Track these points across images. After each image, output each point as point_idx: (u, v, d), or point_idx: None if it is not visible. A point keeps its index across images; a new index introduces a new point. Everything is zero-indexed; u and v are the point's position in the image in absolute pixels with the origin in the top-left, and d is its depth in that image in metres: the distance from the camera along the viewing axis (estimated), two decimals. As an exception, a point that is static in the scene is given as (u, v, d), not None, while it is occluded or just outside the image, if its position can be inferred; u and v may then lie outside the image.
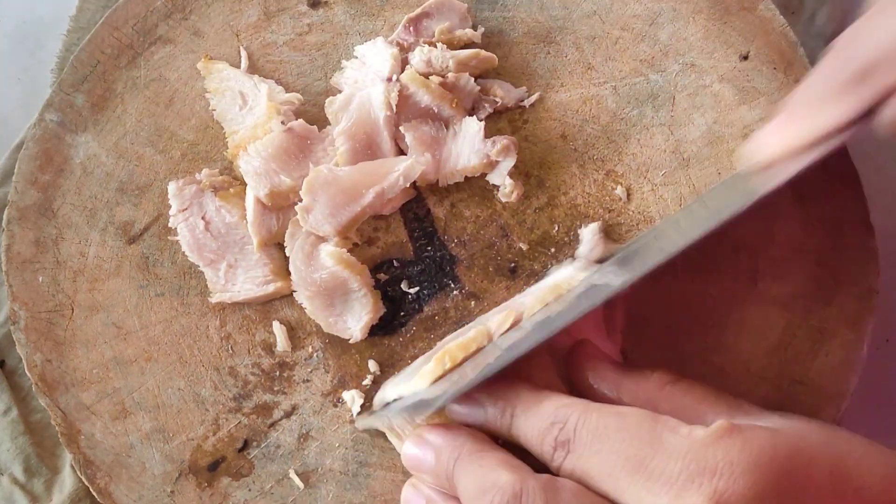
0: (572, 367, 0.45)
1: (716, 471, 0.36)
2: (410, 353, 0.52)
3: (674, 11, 0.57)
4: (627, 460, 0.37)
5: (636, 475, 0.37)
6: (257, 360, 0.52)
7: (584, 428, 0.39)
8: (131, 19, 0.56)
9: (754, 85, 0.55)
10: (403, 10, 0.57)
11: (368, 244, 0.54)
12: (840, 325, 0.52)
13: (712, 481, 0.35)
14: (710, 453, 0.36)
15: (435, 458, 0.43)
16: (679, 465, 0.36)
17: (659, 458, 0.37)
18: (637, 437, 0.38)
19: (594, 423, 0.39)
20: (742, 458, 0.36)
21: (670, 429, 0.38)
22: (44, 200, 0.54)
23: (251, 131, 0.54)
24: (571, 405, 0.40)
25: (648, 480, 0.36)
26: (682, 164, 0.55)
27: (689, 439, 0.37)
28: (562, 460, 0.39)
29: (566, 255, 0.53)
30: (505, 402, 0.42)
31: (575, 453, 0.39)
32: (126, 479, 0.50)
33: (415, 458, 0.44)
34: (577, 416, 0.40)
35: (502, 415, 0.42)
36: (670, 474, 0.36)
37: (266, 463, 0.50)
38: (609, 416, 0.39)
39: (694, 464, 0.36)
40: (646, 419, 0.38)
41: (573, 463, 0.39)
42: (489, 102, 0.55)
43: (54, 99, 0.55)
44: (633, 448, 0.37)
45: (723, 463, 0.36)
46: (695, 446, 0.36)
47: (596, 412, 0.39)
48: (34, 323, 0.52)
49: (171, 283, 0.53)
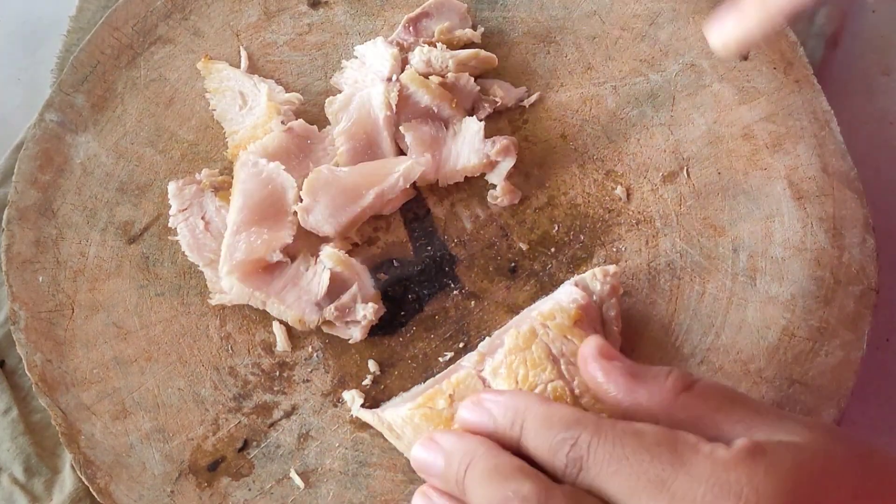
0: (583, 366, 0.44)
1: (741, 496, 0.35)
2: (410, 353, 0.52)
3: (674, 11, 0.57)
4: (649, 482, 0.37)
5: (658, 497, 0.36)
6: (257, 360, 0.52)
7: (600, 448, 0.38)
8: (131, 19, 0.56)
9: (754, 85, 0.55)
10: (403, 10, 0.57)
11: (368, 244, 0.54)
12: (840, 325, 0.52)
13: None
14: (733, 477, 0.36)
15: (445, 462, 0.42)
16: (702, 488, 0.36)
17: (682, 480, 0.36)
18: (658, 458, 0.37)
19: (610, 444, 0.38)
20: (767, 484, 0.35)
21: (691, 448, 0.37)
22: (44, 200, 0.54)
23: (251, 131, 0.54)
24: (584, 420, 0.39)
25: (671, 502, 0.36)
26: (681, 164, 0.55)
27: (711, 459, 0.36)
28: (575, 476, 0.39)
29: (566, 255, 0.53)
30: (514, 413, 0.42)
31: (590, 471, 0.38)
32: (126, 479, 0.50)
33: (424, 461, 0.43)
34: (591, 433, 0.39)
35: (511, 426, 0.41)
36: (693, 497, 0.36)
37: (266, 463, 0.50)
38: (625, 435, 0.38)
39: (717, 487, 0.35)
40: (665, 438, 0.38)
41: (588, 480, 0.38)
42: (489, 102, 0.55)
43: (54, 99, 0.55)
44: (654, 469, 0.37)
45: (748, 489, 0.35)
46: (717, 468, 0.36)
47: (611, 430, 0.39)
48: (34, 323, 0.52)
49: (171, 283, 0.53)
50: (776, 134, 0.55)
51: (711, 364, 0.52)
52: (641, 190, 0.54)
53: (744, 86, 0.55)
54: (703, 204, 0.54)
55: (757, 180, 0.54)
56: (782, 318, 0.52)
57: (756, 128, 0.55)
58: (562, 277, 0.53)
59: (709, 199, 0.54)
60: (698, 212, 0.54)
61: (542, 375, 0.44)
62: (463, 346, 0.52)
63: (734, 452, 0.37)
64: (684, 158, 0.55)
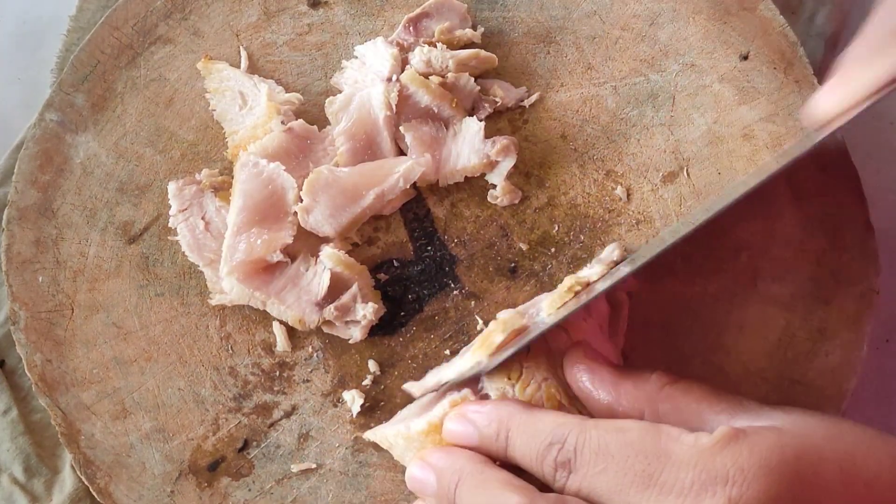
0: (568, 370, 0.45)
1: (727, 478, 0.36)
2: (410, 353, 0.52)
3: (674, 11, 0.57)
4: (636, 476, 0.37)
5: (647, 490, 0.37)
6: (257, 360, 0.52)
7: (586, 447, 0.38)
8: (131, 19, 0.56)
9: (754, 85, 0.55)
10: (403, 10, 0.57)
11: (368, 244, 0.54)
12: (840, 325, 0.52)
13: (725, 489, 0.35)
14: (719, 461, 0.36)
15: (437, 481, 0.42)
16: (690, 475, 0.36)
17: (668, 471, 0.36)
18: (642, 452, 0.37)
19: (595, 442, 0.38)
20: (751, 462, 0.36)
21: (674, 439, 0.38)
22: (44, 200, 0.54)
23: (251, 131, 0.54)
24: (568, 423, 0.40)
25: (661, 494, 0.36)
26: (681, 164, 0.55)
27: (695, 448, 0.37)
28: (564, 480, 0.39)
29: (566, 255, 0.53)
30: (498, 424, 0.42)
31: (578, 473, 0.38)
32: (126, 479, 0.50)
33: (418, 480, 0.43)
34: (576, 434, 0.39)
35: (496, 437, 0.42)
36: (682, 486, 0.36)
37: (266, 463, 0.50)
38: (610, 432, 0.39)
39: (705, 473, 0.36)
40: (648, 432, 0.38)
41: (577, 483, 0.38)
42: (489, 102, 0.55)
43: (54, 99, 0.55)
44: (640, 464, 0.37)
45: (733, 470, 0.36)
46: (703, 455, 0.36)
47: (594, 429, 0.39)
48: (34, 323, 0.52)
49: (171, 283, 0.53)
50: (776, 134, 0.55)
51: (711, 364, 0.52)
52: (641, 190, 0.54)
53: (744, 86, 0.55)
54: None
55: (757, 180, 0.54)
56: (782, 318, 0.52)
57: (756, 128, 0.55)
58: (562, 277, 0.53)
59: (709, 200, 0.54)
60: (698, 212, 0.54)
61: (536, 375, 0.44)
62: (463, 346, 0.52)
63: (716, 439, 0.37)
64: (684, 158, 0.55)
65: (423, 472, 0.43)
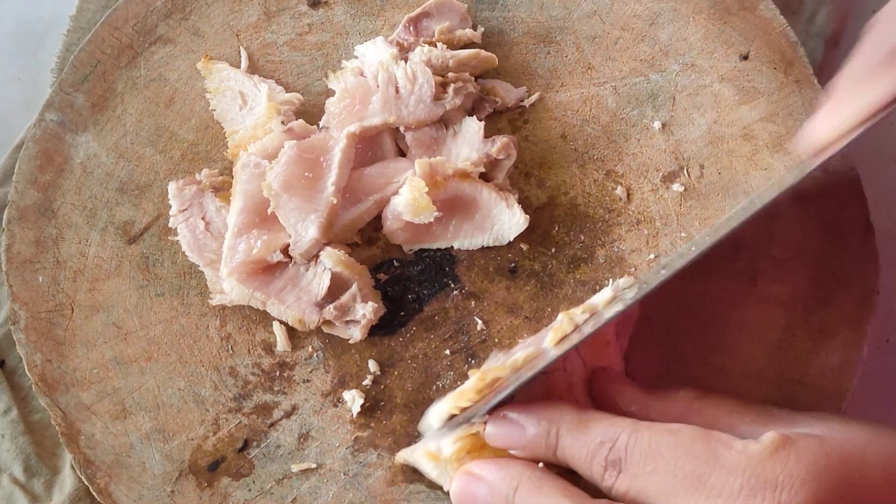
0: (597, 392, 0.46)
1: (776, 484, 0.36)
2: (410, 353, 0.52)
3: (674, 11, 0.57)
4: (685, 478, 0.38)
5: (696, 493, 0.37)
6: (257, 360, 0.52)
7: (637, 447, 0.39)
8: (131, 19, 0.56)
9: (754, 85, 0.55)
10: (403, 10, 0.57)
11: (368, 244, 0.54)
12: (840, 325, 0.52)
13: (774, 494, 0.36)
14: (768, 467, 0.37)
15: (489, 492, 0.42)
16: (739, 480, 0.37)
17: (717, 475, 0.37)
18: (693, 455, 0.38)
19: (646, 442, 0.39)
20: (799, 469, 0.37)
21: (724, 444, 0.38)
22: (44, 200, 0.54)
23: (251, 131, 0.54)
24: (620, 423, 0.41)
25: (709, 497, 0.37)
26: (682, 164, 0.55)
27: (745, 454, 0.38)
28: (613, 480, 0.40)
29: (566, 255, 0.53)
30: (549, 423, 0.42)
31: (628, 473, 0.39)
32: (126, 479, 0.50)
33: (467, 494, 0.43)
34: (628, 434, 0.40)
35: (547, 436, 0.42)
36: (731, 490, 0.37)
37: (266, 463, 0.50)
38: (661, 433, 0.39)
39: (754, 478, 0.37)
40: (699, 436, 0.39)
41: (626, 483, 0.39)
42: (489, 102, 0.55)
43: (54, 99, 0.55)
44: (689, 465, 0.38)
45: (782, 476, 0.37)
46: (752, 461, 0.37)
47: (647, 430, 0.40)
48: (34, 323, 0.52)
49: (171, 283, 0.53)
50: (776, 134, 0.55)
51: (712, 364, 0.52)
52: (641, 190, 0.54)
53: (744, 86, 0.55)
54: (703, 204, 0.54)
55: (757, 180, 0.54)
56: (782, 318, 0.52)
57: (756, 128, 0.55)
58: (562, 277, 0.53)
59: (709, 199, 0.54)
60: (698, 212, 0.54)
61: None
62: (463, 346, 0.52)
63: (765, 445, 0.38)
64: (684, 158, 0.55)
65: (473, 486, 0.43)
